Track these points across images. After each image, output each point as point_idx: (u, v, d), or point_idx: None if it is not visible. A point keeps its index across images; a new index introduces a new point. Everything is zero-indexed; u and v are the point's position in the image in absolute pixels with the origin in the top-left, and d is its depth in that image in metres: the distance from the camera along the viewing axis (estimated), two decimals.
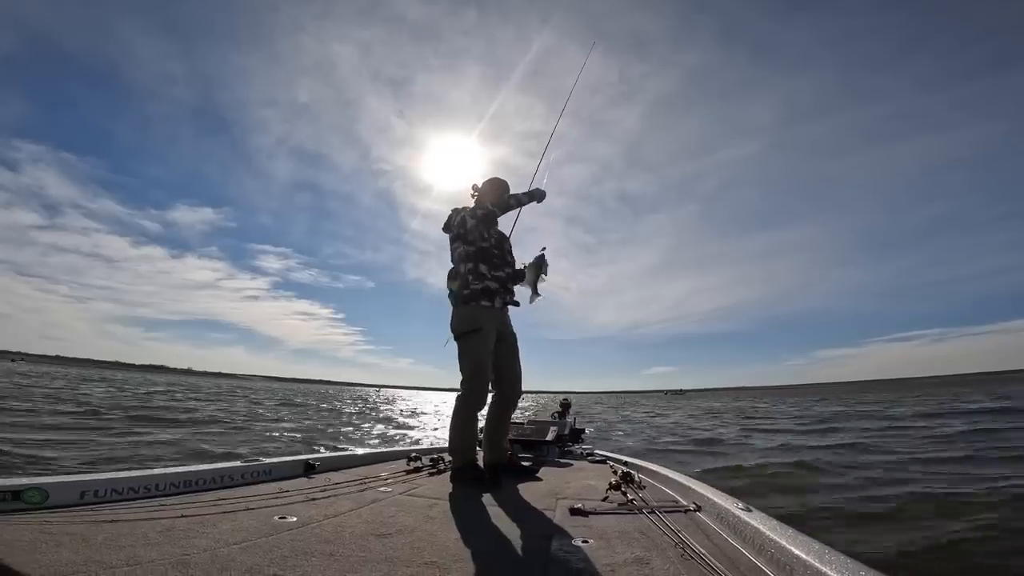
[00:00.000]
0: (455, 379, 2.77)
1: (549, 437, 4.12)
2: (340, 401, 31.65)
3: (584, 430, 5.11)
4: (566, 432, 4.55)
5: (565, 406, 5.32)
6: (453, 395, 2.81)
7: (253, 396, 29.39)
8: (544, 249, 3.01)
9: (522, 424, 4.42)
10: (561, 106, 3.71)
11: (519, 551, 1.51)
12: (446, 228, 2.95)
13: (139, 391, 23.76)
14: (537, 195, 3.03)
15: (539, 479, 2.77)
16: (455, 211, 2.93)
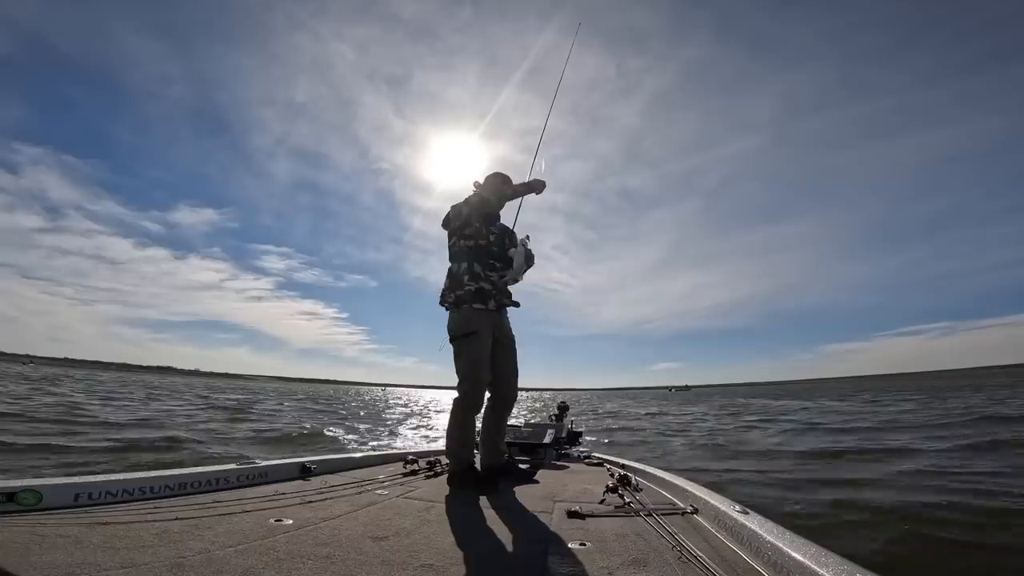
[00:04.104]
0: (455, 378, 2.75)
1: (546, 440, 4.11)
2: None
3: (582, 433, 5.08)
4: (563, 435, 4.53)
5: (563, 409, 5.30)
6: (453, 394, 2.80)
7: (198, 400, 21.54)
8: (527, 237, 2.95)
9: (519, 427, 4.41)
10: (556, 97, 3.64)
11: (516, 554, 1.50)
12: (445, 224, 2.91)
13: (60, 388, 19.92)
14: (536, 186, 2.97)
15: (536, 482, 2.77)
16: (454, 207, 2.88)
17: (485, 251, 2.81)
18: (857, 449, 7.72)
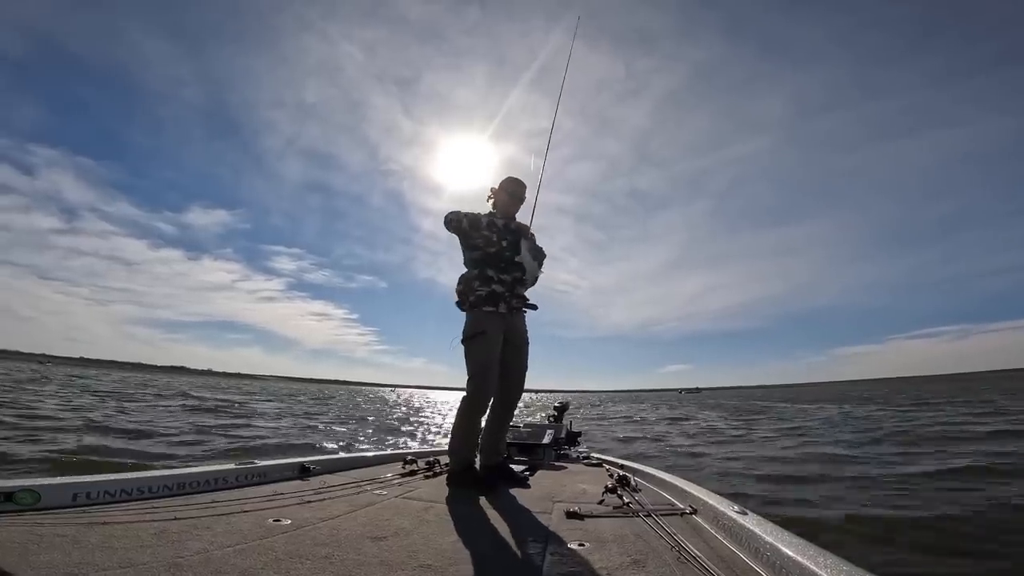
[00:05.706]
0: (465, 378, 2.75)
1: (545, 440, 4.10)
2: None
3: (581, 433, 5.06)
4: (562, 435, 4.52)
5: (561, 409, 5.27)
6: (459, 394, 2.78)
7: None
8: (532, 236, 2.90)
9: (518, 427, 4.39)
10: (564, 99, 3.60)
11: (515, 554, 1.51)
12: (447, 224, 2.87)
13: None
14: (531, 274, 2.89)
15: (528, 487, 2.72)
16: (467, 217, 2.81)
17: (496, 256, 2.80)
18: None
